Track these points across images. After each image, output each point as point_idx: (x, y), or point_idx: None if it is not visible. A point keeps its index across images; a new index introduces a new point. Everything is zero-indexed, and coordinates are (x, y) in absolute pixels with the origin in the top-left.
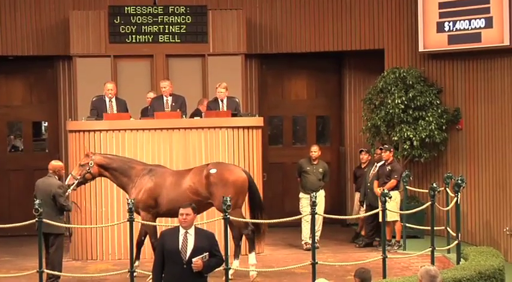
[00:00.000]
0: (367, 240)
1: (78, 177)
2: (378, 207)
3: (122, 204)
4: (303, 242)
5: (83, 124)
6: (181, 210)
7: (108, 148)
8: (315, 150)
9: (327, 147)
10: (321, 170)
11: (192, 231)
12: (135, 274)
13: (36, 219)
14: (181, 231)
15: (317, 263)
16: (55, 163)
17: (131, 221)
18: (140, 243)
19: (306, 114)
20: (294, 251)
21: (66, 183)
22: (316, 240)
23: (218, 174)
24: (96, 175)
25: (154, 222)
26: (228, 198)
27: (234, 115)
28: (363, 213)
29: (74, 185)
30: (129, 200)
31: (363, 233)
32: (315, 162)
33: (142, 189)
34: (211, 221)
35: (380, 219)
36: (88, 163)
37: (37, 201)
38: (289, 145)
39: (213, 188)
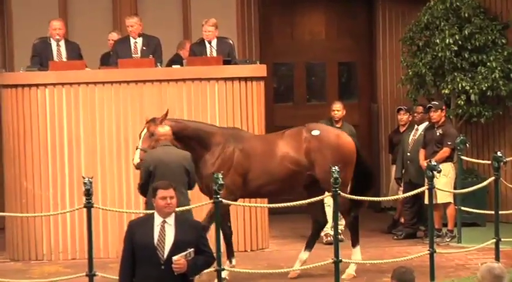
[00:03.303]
0: (408, 229)
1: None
2: (422, 185)
3: (76, 185)
4: (322, 234)
5: (21, 76)
6: (162, 192)
7: (56, 108)
8: (337, 109)
9: (354, 105)
10: None
11: (171, 220)
12: (94, 278)
13: None
14: (157, 220)
15: (341, 261)
16: None
17: (89, 207)
18: (228, 231)
19: (325, 61)
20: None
21: (134, 161)
22: (339, 231)
23: (323, 137)
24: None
25: (229, 205)
26: (336, 168)
27: (226, 62)
28: (401, 194)
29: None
30: (217, 175)
31: (402, 220)
32: (337, 125)
33: (228, 162)
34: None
35: (426, 202)
36: None
37: None
38: (303, 102)
39: (316, 154)
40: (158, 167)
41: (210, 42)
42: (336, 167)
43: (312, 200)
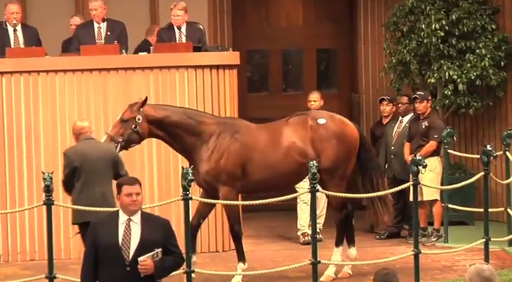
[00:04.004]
0: (391, 228)
1: (120, 139)
2: (406, 181)
3: (36, 181)
4: (299, 233)
5: None
6: (128, 188)
7: (13, 98)
8: (314, 99)
9: (333, 95)
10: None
11: (137, 217)
12: (55, 280)
13: None
14: (122, 218)
15: (319, 262)
16: None
17: (49, 204)
18: (195, 229)
19: (303, 48)
20: (286, 246)
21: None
22: (318, 230)
23: (329, 126)
24: (146, 136)
25: (238, 200)
26: (314, 163)
27: (196, 49)
28: (384, 191)
29: (117, 150)
30: (187, 170)
31: (385, 218)
32: None
33: (225, 153)
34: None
35: (410, 199)
36: (134, 118)
37: None
38: (278, 92)
39: (323, 144)
40: (83, 162)
41: (179, 28)
42: (314, 162)
43: (288, 197)
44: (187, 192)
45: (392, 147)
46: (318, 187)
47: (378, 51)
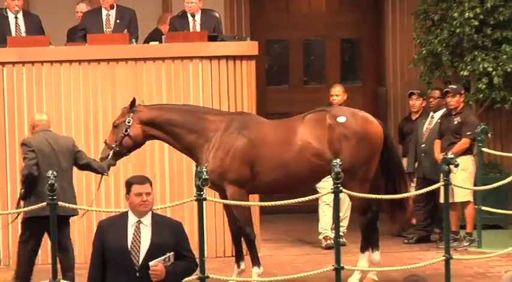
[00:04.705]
0: (421, 232)
1: (113, 145)
2: (437, 181)
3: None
4: (321, 236)
5: None
6: (137, 188)
7: (15, 90)
8: (336, 94)
9: (358, 88)
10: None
11: (147, 219)
12: None
13: None
14: (131, 219)
15: (343, 268)
16: None
17: (53, 204)
18: (237, 235)
19: (326, 37)
20: (307, 250)
21: (99, 156)
22: (341, 234)
23: (350, 125)
24: (140, 139)
25: (248, 201)
26: (338, 162)
27: (212, 38)
28: (414, 191)
29: (109, 157)
30: (201, 168)
31: (414, 221)
32: None
33: (231, 150)
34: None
35: (441, 200)
36: (124, 121)
37: None
38: (299, 85)
39: (341, 144)
40: (40, 157)
41: (193, 16)
42: (338, 160)
43: (309, 198)
44: (202, 193)
45: (423, 145)
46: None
47: (407, 42)
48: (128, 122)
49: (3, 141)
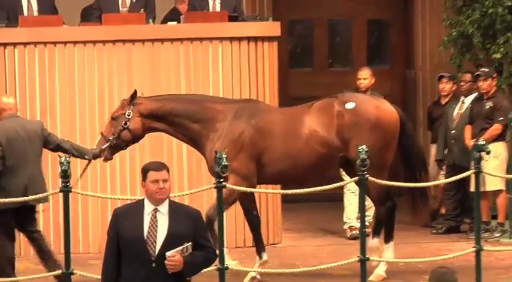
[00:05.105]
0: (450, 222)
1: (110, 138)
2: (467, 169)
3: (51, 165)
4: (345, 226)
5: None
6: (154, 174)
7: (27, 72)
8: (364, 77)
9: (385, 71)
10: None
11: (164, 208)
12: (72, 276)
13: None
14: (148, 208)
15: (368, 259)
16: None
17: (66, 191)
18: (255, 224)
19: (352, 17)
20: (331, 241)
21: (94, 147)
22: (367, 223)
23: (359, 111)
24: (140, 131)
25: (253, 192)
26: (364, 148)
27: (232, 18)
28: (443, 179)
29: (105, 150)
30: (220, 154)
31: (443, 210)
32: None
33: (238, 140)
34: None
35: (471, 189)
36: (124, 114)
37: None
38: (324, 68)
39: (351, 133)
40: (8, 143)
41: None
42: (364, 146)
43: (333, 186)
44: (221, 180)
45: (453, 131)
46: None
47: (437, 23)
48: (128, 115)
49: None
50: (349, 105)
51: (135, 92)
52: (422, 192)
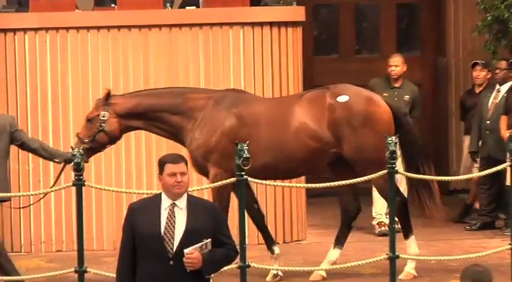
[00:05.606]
0: (484, 217)
1: (86, 140)
2: (503, 162)
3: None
4: (374, 222)
5: None
6: (171, 167)
7: (38, 59)
8: (396, 64)
9: (415, 58)
10: (406, 97)
11: (182, 202)
12: (85, 274)
13: None
14: (165, 202)
15: (398, 257)
16: None
17: (79, 185)
18: (258, 218)
19: (380, 1)
20: (359, 237)
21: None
22: (396, 219)
23: (352, 104)
24: (116, 133)
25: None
26: (393, 139)
27: (254, 2)
28: (477, 173)
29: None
30: (241, 146)
31: (477, 205)
32: (396, 85)
33: (218, 129)
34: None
35: (507, 182)
36: (99, 115)
37: None
38: (350, 55)
39: (343, 127)
40: None
41: None
42: (393, 137)
43: (361, 179)
44: (242, 173)
45: (488, 121)
46: (398, 168)
47: (470, 7)
48: (103, 117)
49: (25, 113)
50: (342, 99)
51: (109, 92)
52: (427, 186)
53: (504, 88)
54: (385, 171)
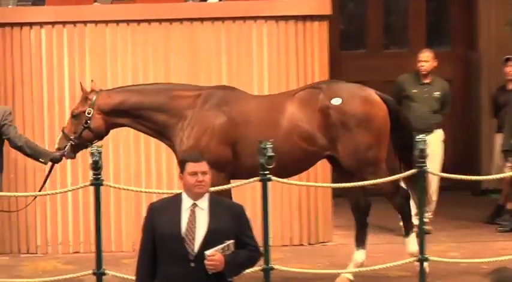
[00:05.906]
0: None
1: (72, 137)
2: None
3: (81, 156)
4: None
5: (9, 12)
6: (192, 166)
7: (54, 53)
8: (426, 59)
9: (446, 53)
10: (436, 93)
11: (204, 202)
12: (104, 277)
13: None
14: (186, 202)
15: (427, 259)
16: None
17: (97, 184)
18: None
19: None
20: (387, 239)
21: (56, 146)
22: (426, 220)
23: (346, 107)
24: (102, 130)
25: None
26: (422, 137)
27: None
28: (509, 172)
29: (66, 149)
30: (265, 144)
31: (509, 206)
32: (426, 81)
33: (208, 129)
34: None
35: None
36: (84, 112)
37: None
38: (378, 50)
39: (337, 131)
40: None
41: None
42: (422, 136)
43: (389, 179)
44: (266, 172)
45: None
46: (428, 166)
47: (502, 1)
48: (88, 113)
49: (40, 109)
50: (335, 101)
51: (82, 87)
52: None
53: None
54: (414, 170)
